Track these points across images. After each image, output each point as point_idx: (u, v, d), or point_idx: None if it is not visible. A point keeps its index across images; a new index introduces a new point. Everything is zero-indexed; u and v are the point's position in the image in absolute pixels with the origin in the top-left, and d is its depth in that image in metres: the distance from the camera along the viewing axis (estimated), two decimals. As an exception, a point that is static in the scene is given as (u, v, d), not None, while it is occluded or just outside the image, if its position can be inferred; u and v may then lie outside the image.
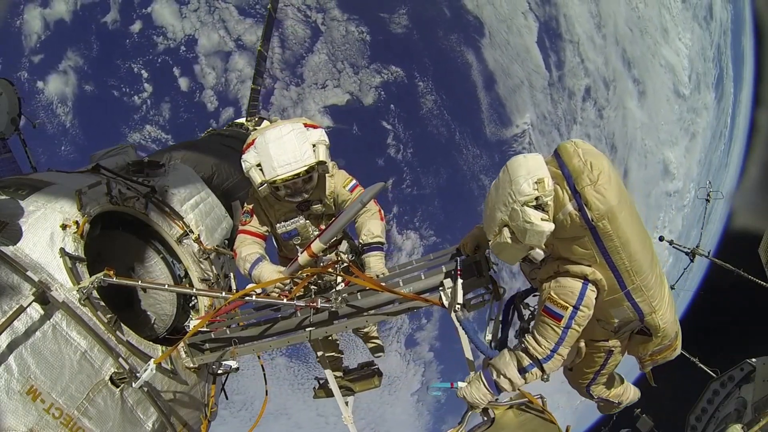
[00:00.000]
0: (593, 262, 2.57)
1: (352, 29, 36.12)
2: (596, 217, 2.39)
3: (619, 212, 2.42)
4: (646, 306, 2.70)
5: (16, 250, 3.10)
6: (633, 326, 2.88)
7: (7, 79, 6.46)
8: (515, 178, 2.46)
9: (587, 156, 2.47)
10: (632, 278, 2.59)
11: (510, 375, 2.85)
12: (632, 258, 2.53)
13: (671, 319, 2.85)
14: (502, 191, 2.55)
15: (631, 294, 2.64)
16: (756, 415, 8.67)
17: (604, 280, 2.60)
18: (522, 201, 2.43)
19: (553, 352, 2.74)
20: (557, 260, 2.69)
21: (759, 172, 27.98)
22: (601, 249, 2.50)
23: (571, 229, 2.49)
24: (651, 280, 2.64)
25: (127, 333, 3.47)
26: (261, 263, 3.77)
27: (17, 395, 2.74)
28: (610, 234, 2.44)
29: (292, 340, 3.60)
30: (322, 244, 3.56)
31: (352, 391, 4.69)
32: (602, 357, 3.13)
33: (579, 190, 2.42)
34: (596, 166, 2.43)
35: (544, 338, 2.74)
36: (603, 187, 2.39)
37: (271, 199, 3.85)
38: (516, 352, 2.88)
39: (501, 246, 2.62)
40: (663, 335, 2.88)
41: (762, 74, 30.82)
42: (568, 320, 2.65)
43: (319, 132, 3.70)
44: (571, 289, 2.62)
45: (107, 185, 4.01)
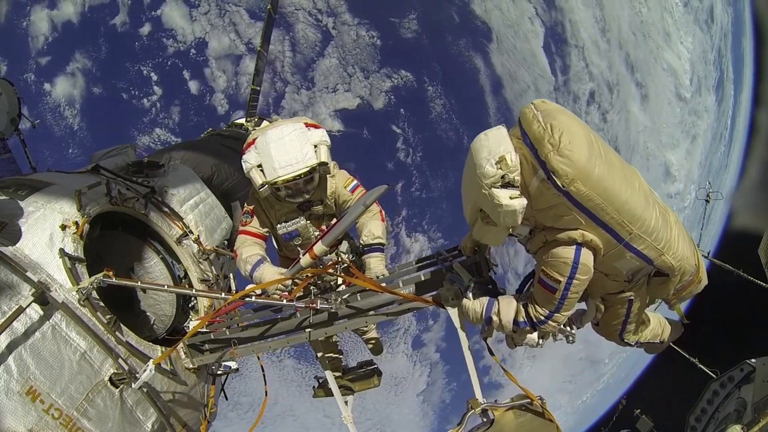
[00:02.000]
0: (579, 225, 2.43)
1: (362, 33, 36.29)
2: (566, 183, 2.28)
3: (592, 168, 2.29)
4: (652, 251, 2.52)
5: (16, 251, 3.09)
6: (646, 271, 2.72)
7: (7, 80, 6.48)
8: (478, 162, 2.40)
9: (546, 118, 2.38)
10: (627, 228, 2.43)
11: (504, 320, 2.85)
12: (621, 209, 2.38)
13: (686, 254, 2.66)
14: (470, 176, 2.50)
15: (630, 244, 2.48)
16: (756, 415, 8.66)
17: (596, 239, 2.46)
18: (488, 183, 2.36)
19: (548, 319, 2.70)
20: (543, 230, 2.59)
21: (759, 172, 28.01)
22: (582, 211, 2.38)
23: (546, 198, 2.41)
24: (650, 223, 2.47)
25: (126, 334, 3.47)
26: (262, 265, 3.76)
27: (17, 396, 2.74)
28: (586, 194, 2.31)
29: (292, 341, 3.59)
30: (325, 246, 3.56)
31: (352, 391, 4.69)
32: (624, 307, 2.98)
33: (543, 159, 2.32)
34: (556, 128, 2.33)
35: (541, 305, 2.70)
36: (567, 149, 2.28)
37: (272, 199, 3.84)
38: (519, 303, 2.85)
39: (481, 231, 2.62)
40: (681, 272, 2.68)
41: (762, 74, 30.90)
42: (563, 291, 2.56)
43: (321, 132, 3.69)
44: (563, 259, 2.49)
45: (107, 186, 4.00)
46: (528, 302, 2.79)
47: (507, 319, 2.84)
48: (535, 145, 2.37)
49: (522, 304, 2.83)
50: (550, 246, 2.55)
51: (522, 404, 3.22)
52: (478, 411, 3.23)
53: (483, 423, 3.23)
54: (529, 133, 2.42)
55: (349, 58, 36.54)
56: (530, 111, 2.46)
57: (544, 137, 2.34)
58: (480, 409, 3.23)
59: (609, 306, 3.03)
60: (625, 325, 3.13)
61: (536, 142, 2.37)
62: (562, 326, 2.95)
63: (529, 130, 2.42)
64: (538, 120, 2.40)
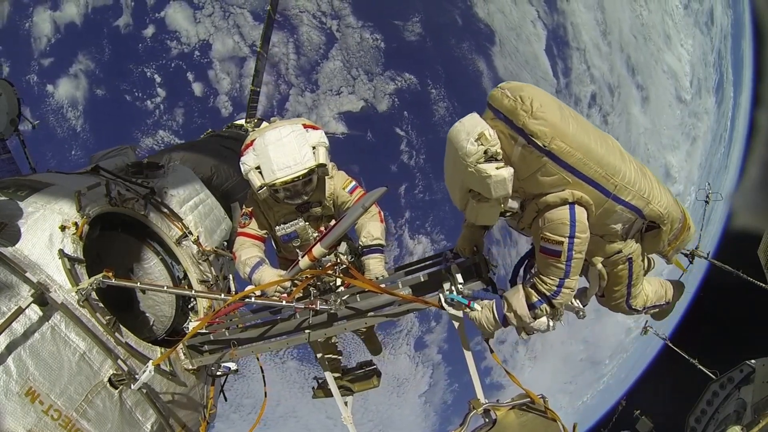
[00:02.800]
0: (566, 184, 2.53)
1: (366, 36, 36.44)
2: (546, 142, 2.41)
3: (567, 126, 2.44)
4: (639, 200, 2.65)
5: (15, 251, 3.09)
6: (639, 225, 2.83)
7: (7, 80, 6.48)
8: (459, 144, 2.49)
9: (514, 92, 2.51)
10: (612, 181, 2.55)
11: (520, 311, 2.82)
12: (601, 162, 2.52)
13: (670, 201, 2.79)
14: (453, 162, 2.59)
15: (618, 197, 2.60)
16: (755, 416, 8.67)
17: (585, 196, 2.55)
18: (473, 161, 2.45)
19: (560, 288, 2.70)
20: (534, 199, 2.65)
21: (758, 172, 28.06)
22: (567, 168, 2.49)
23: (530, 163, 2.51)
24: (631, 174, 2.61)
25: (125, 334, 3.46)
26: (261, 267, 3.75)
27: (16, 396, 2.73)
28: (567, 150, 2.45)
29: (291, 342, 3.59)
30: (323, 248, 3.55)
31: (351, 391, 4.69)
32: (625, 268, 3.04)
33: (520, 126, 2.45)
34: (526, 97, 2.46)
35: (549, 276, 2.70)
36: (539, 111, 2.41)
37: (271, 201, 3.83)
38: (526, 287, 2.84)
39: (474, 211, 2.66)
40: (670, 220, 2.81)
41: (762, 75, 31.00)
42: (568, 252, 2.58)
43: (319, 133, 3.68)
44: (560, 220, 2.56)
45: (106, 186, 4.00)
46: (534, 280, 2.79)
47: (523, 310, 2.82)
48: (510, 116, 2.50)
49: (528, 287, 2.82)
50: (544, 212, 2.61)
51: (524, 403, 3.22)
52: (480, 411, 3.24)
53: (485, 423, 3.23)
54: (501, 108, 2.55)
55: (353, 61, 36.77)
56: (498, 91, 2.60)
57: (516, 107, 2.47)
58: (482, 409, 3.23)
59: (611, 272, 3.07)
60: (629, 289, 3.19)
61: (510, 114, 2.50)
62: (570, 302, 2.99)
63: (501, 106, 2.55)
64: (507, 95, 2.53)
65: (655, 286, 3.57)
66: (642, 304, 3.42)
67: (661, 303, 3.62)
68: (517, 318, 2.85)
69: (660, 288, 3.61)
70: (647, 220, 2.78)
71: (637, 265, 3.05)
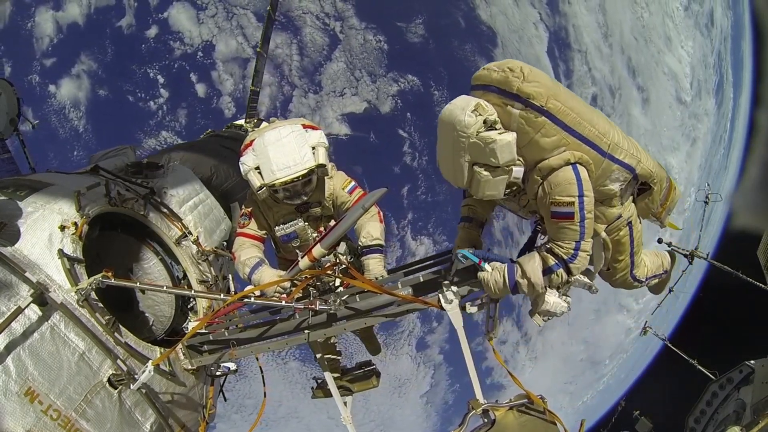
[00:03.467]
0: (566, 145, 2.61)
1: (369, 38, 36.34)
2: (544, 101, 2.51)
3: (557, 89, 2.57)
4: (630, 158, 2.79)
5: (15, 251, 3.09)
6: (633, 186, 2.98)
7: (7, 80, 6.48)
8: (456, 119, 2.55)
9: (501, 65, 2.63)
10: (604, 140, 2.68)
11: (533, 278, 2.79)
12: (593, 123, 2.65)
13: (654, 162, 2.97)
14: (452, 140, 2.62)
15: (613, 155, 2.73)
16: (755, 417, 8.67)
17: (585, 156, 2.64)
18: (473, 132, 2.51)
19: (577, 250, 2.69)
20: (535, 167, 2.69)
21: (758, 173, 28.08)
22: (564, 128, 2.58)
23: (529, 128, 2.57)
24: (618, 137, 2.76)
25: (125, 334, 3.46)
26: (261, 267, 3.75)
27: (15, 396, 2.73)
28: (563, 109, 2.55)
29: (291, 342, 3.59)
30: (323, 249, 3.55)
31: (351, 391, 4.69)
32: (626, 233, 3.12)
33: (515, 92, 2.53)
34: (514, 67, 2.57)
35: (564, 240, 2.70)
36: (531, 75, 2.52)
37: (270, 201, 3.83)
38: (542, 253, 2.82)
39: (482, 185, 2.64)
40: (659, 178, 3.01)
41: (762, 75, 31.05)
42: (580, 212, 2.61)
43: (318, 134, 3.68)
44: (566, 180, 2.60)
45: (106, 186, 4.00)
46: (550, 245, 2.78)
47: (536, 277, 2.79)
48: (502, 86, 2.60)
49: (544, 251, 2.80)
50: (548, 176, 2.65)
51: (523, 404, 3.22)
52: (479, 411, 3.23)
53: (484, 423, 3.23)
54: (491, 82, 2.65)
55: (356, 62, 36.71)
56: (483, 70, 2.73)
57: (507, 76, 2.58)
58: (481, 410, 3.23)
59: (614, 240, 3.13)
60: (632, 258, 3.29)
61: (502, 84, 2.60)
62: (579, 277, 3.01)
63: (491, 80, 2.66)
64: (494, 70, 2.66)
65: (651, 257, 3.70)
66: (644, 274, 3.52)
67: (660, 272, 3.72)
68: (530, 286, 2.82)
69: (656, 258, 3.74)
70: (639, 180, 2.93)
71: (636, 230, 3.15)
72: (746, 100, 33.09)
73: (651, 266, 3.62)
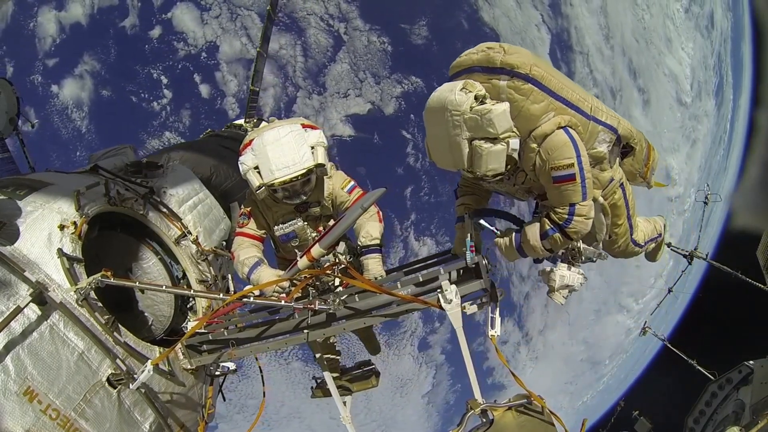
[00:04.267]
0: (554, 110, 2.74)
1: (373, 39, 36.35)
2: (528, 69, 2.63)
3: (537, 59, 2.71)
4: (611, 119, 2.97)
5: (14, 251, 3.09)
6: (618, 148, 3.15)
7: (6, 79, 6.48)
8: (447, 100, 2.62)
9: (478, 48, 2.79)
10: (586, 103, 2.84)
11: (532, 241, 2.95)
12: (573, 88, 2.81)
13: (631, 125, 3.19)
14: (445, 122, 2.67)
15: (595, 117, 2.88)
16: (754, 417, 8.68)
17: (572, 119, 2.77)
18: (466, 109, 2.57)
19: (571, 215, 2.78)
20: (529, 136, 2.79)
21: (757, 173, 28.12)
22: (550, 93, 2.71)
23: (519, 95, 2.68)
24: (595, 101, 2.92)
25: (124, 334, 3.46)
26: (260, 267, 3.75)
27: (14, 396, 2.73)
28: (546, 76, 2.68)
29: (290, 342, 3.59)
30: (322, 248, 3.55)
31: (350, 391, 4.68)
32: (621, 195, 3.26)
33: (500, 66, 2.67)
34: (492, 45, 2.74)
35: (561, 205, 2.81)
36: (512, 49, 2.68)
37: (269, 201, 3.83)
38: (542, 219, 2.95)
39: (483, 158, 2.67)
40: (638, 139, 3.23)
41: (762, 75, 31.11)
42: (580, 172, 2.70)
43: (318, 133, 3.68)
44: (562, 143, 2.70)
45: (105, 186, 4.00)
46: (547, 212, 2.91)
47: (535, 239, 2.94)
48: (485, 64, 2.73)
49: (543, 217, 2.94)
50: (542, 143, 2.75)
51: (521, 404, 3.22)
52: (478, 411, 3.23)
53: (483, 423, 3.23)
54: (473, 63, 2.79)
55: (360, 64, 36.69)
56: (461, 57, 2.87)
57: (488, 54, 2.71)
58: (479, 410, 3.23)
59: (611, 204, 3.27)
60: (630, 221, 3.43)
61: (484, 62, 2.73)
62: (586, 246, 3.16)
63: (472, 61, 2.79)
64: (473, 52, 2.80)
65: (644, 223, 3.87)
66: (643, 239, 3.69)
67: (655, 236, 3.90)
68: (530, 248, 2.98)
69: (648, 223, 3.91)
70: (622, 141, 3.12)
71: (629, 191, 3.32)
72: (746, 101, 33.24)
73: (646, 230, 3.80)
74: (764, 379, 9.59)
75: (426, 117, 2.88)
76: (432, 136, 2.90)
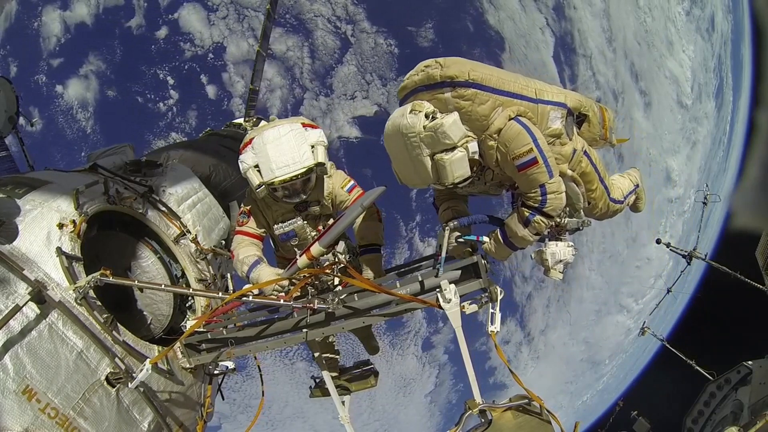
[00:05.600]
0: (501, 105, 2.91)
1: (380, 42, 36.46)
2: (466, 75, 2.81)
3: (473, 63, 2.90)
4: (557, 96, 3.15)
5: (13, 249, 3.08)
6: (572, 120, 3.32)
7: (5, 77, 6.46)
8: (401, 127, 2.80)
9: (416, 69, 2.99)
10: (529, 90, 3.03)
11: (519, 232, 3.07)
12: (515, 80, 3.00)
13: (578, 95, 3.38)
14: (405, 146, 2.84)
15: (541, 99, 3.05)
16: (752, 417, 8.67)
17: (520, 107, 2.95)
18: (421, 128, 2.74)
19: (544, 195, 2.91)
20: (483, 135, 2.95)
21: (757, 173, 28.13)
22: (492, 91, 2.88)
23: (465, 102, 2.85)
24: (538, 84, 3.11)
25: (123, 333, 3.46)
26: (259, 266, 3.74)
27: (13, 395, 2.73)
28: (485, 76, 2.86)
29: (289, 341, 3.59)
30: (322, 247, 3.55)
31: (349, 391, 4.68)
32: (587, 162, 3.38)
33: (441, 79, 2.85)
34: (429, 62, 2.92)
35: (531, 190, 2.93)
36: (448, 62, 2.86)
37: (269, 200, 3.83)
38: (519, 209, 3.07)
39: (448, 169, 2.82)
40: (588, 105, 3.42)
41: (762, 75, 31.17)
42: (540, 154, 2.84)
43: (318, 132, 3.68)
44: (515, 132, 2.86)
45: (105, 184, 4.00)
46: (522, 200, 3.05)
47: (519, 229, 3.07)
48: (427, 82, 2.92)
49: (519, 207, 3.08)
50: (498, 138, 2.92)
51: (519, 405, 3.22)
52: (476, 411, 3.23)
53: (481, 423, 3.23)
54: (416, 85, 2.98)
55: (367, 66, 36.80)
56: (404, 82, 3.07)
57: (427, 72, 2.90)
58: (478, 410, 3.23)
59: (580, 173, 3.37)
60: (604, 183, 3.57)
61: (426, 80, 2.92)
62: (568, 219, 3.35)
63: (415, 83, 2.98)
64: (413, 75, 3.00)
65: (619, 179, 4.01)
66: (621, 194, 3.82)
67: (633, 188, 4.03)
68: (519, 239, 3.09)
69: (623, 178, 4.04)
70: (574, 112, 3.29)
71: (594, 156, 3.44)
72: (745, 102, 33.40)
73: (623, 186, 3.92)
74: (763, 380, 9.59)
75: (386, 145, 3.06)
76: (396, 161, 3.06)
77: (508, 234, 3.14)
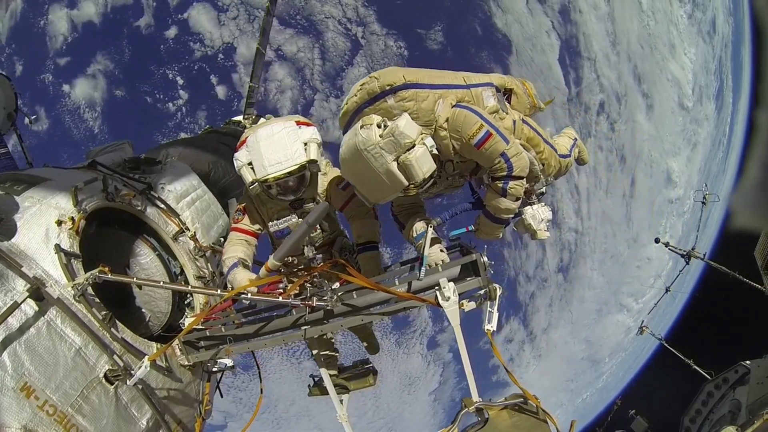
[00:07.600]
0: (440, 97, 3.15)
1: (390, 44, 36.62)
2: (402, 79, 3.04)
3: (406, 69, 3.13)
4: (483, 78, 3.51)
5: (11, 246, 3.08)
6: (501, 95, 3.63)
7: (5, 75, 6.45)
8: (357, 144, 2.91)
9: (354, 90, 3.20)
10: (459, 79, 3.34)
11: (501, 204, 3.24)
12: (444, 75, 3.31)
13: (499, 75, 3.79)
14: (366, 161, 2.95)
15: (471, 83, 3.35)
16: (750, 417, 8.69)
17: (457, 95, 3.23)
18: (377, 138, 2.87)
19: (508, 161, 3.08)
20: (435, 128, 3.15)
21: (756, 174, 28.17)
22: (429, 87, 3.13)
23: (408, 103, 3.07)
24: (464, 74, 3.43)
25: (121, 330, 3.46)
26: (235, 269, 3.67)
27: (11, 392, 2.74)
28: (419, 76, 3.12)
29: (288, 339, 3.59)
30: (276, 261, 3.50)
31: (347, 390, 4.69)
32: (527, 128, 3.70)
33: (381, 90, 3.07)
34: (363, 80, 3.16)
35: (495, 161, 3.10)
36: (382, 72, 3.11)
37: (264, 197, 3.81)
38: (492, 185, 3.25)
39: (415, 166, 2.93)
40: (510, 81, 3.81)
41: (762, 75, 31.19)
42: (491, 127, 3.08)
43: (311, 130, 3.66)
44: (461, 117, 3.11)
45: (103, 182, 3.99)
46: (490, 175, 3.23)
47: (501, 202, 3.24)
48: (368, 98, 3.13)
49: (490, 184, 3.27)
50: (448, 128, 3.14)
51: (516, 403, 3.22)
52: (472, 409, 3.24)
53: (477, 422, 3.23)
54: (359, 103, 3.18)
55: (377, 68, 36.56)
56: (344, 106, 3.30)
57: (366, 88, 3.12)
58: (474, 408, 3.24)
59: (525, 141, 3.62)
60: (549, 143, 3.88)
61: (366, 97, 3.13)
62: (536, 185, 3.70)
63: (357, 103, 3.19)
64: (352, 95, 3.21)
65: (559, 138, 4.34)
66: (566, 149, 4.19)
67: (573, 141, 4.39)
68: (503, 211, 3.28)
69: (561, 137, 4.39)
70: (500, 89, 3.64)
71: (532, 122, 3.78)
72: (745, 103, 33.57)
73: (564, 142, 4.27)
74: (761, 379, 9.60)
75: (346, 170, 3.20)
76: (361, 181, 3.15)
77: (492, 212, 3.32)
